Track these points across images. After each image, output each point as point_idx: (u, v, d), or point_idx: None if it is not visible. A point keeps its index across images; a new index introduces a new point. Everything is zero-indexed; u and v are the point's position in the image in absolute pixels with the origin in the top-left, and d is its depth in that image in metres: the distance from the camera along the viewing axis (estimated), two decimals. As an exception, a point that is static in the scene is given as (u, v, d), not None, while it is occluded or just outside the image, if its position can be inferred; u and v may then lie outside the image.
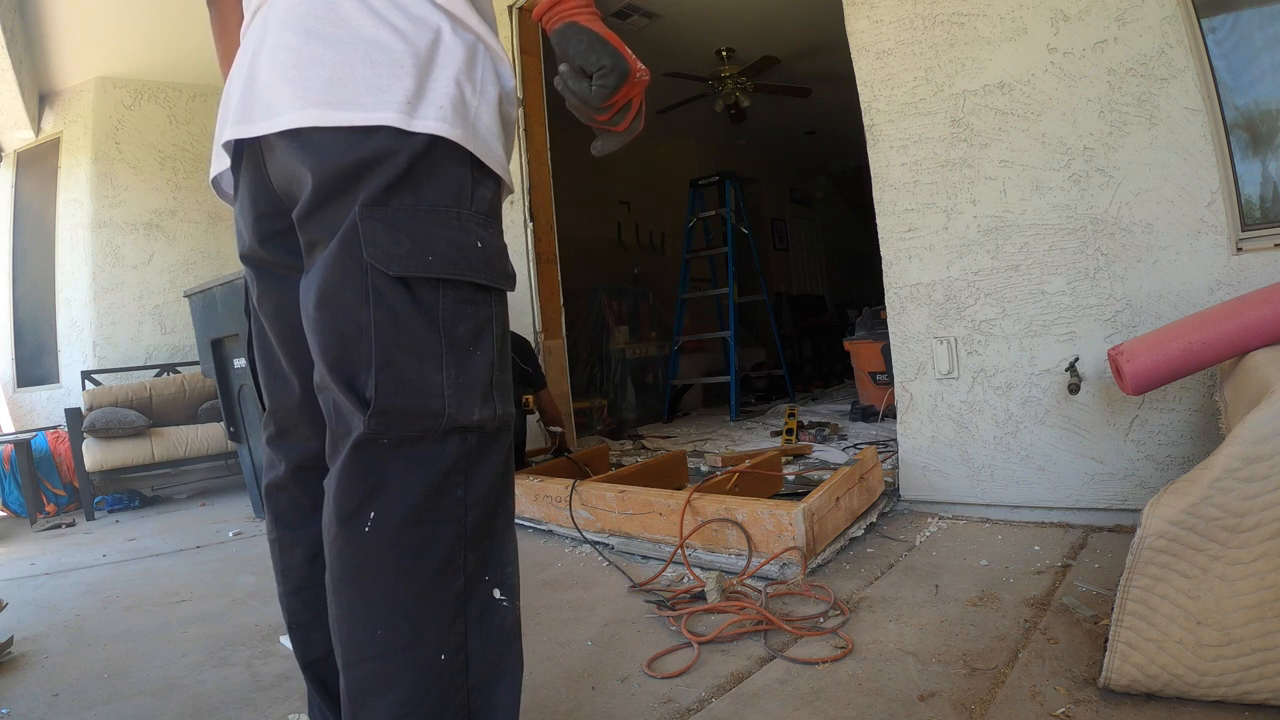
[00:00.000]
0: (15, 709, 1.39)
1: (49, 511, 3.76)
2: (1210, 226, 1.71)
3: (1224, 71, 1.72)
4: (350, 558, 0.70)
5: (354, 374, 0.70)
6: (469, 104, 0.75)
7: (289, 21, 0.74)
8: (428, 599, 0.70)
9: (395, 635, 0.69)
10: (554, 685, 1.30)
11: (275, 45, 0.74)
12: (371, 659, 0.69)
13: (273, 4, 0.77)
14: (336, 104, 0.70)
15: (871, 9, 2.20)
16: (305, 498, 0.90)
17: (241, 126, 0.75)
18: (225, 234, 4.91)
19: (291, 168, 0.74)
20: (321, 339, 0.72)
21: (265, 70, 0.74)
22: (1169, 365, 1.45)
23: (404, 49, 0.72)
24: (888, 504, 2.19)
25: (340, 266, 0.70)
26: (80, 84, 4.49)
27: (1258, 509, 0.95)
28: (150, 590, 2.16)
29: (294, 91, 0.71)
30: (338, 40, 0.72)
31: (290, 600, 0.94)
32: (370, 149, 0.70)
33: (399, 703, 0.69)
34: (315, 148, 0.71)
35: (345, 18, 0.73)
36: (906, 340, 2.22)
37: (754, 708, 1.16)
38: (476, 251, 0.73)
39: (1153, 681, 1.02)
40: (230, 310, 2.99)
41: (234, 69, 0.80)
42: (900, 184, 2.18)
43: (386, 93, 0.71)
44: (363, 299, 0.69)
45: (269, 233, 0.82)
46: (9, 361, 4.57)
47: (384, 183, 0.70)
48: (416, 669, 0.69)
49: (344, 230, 0.70)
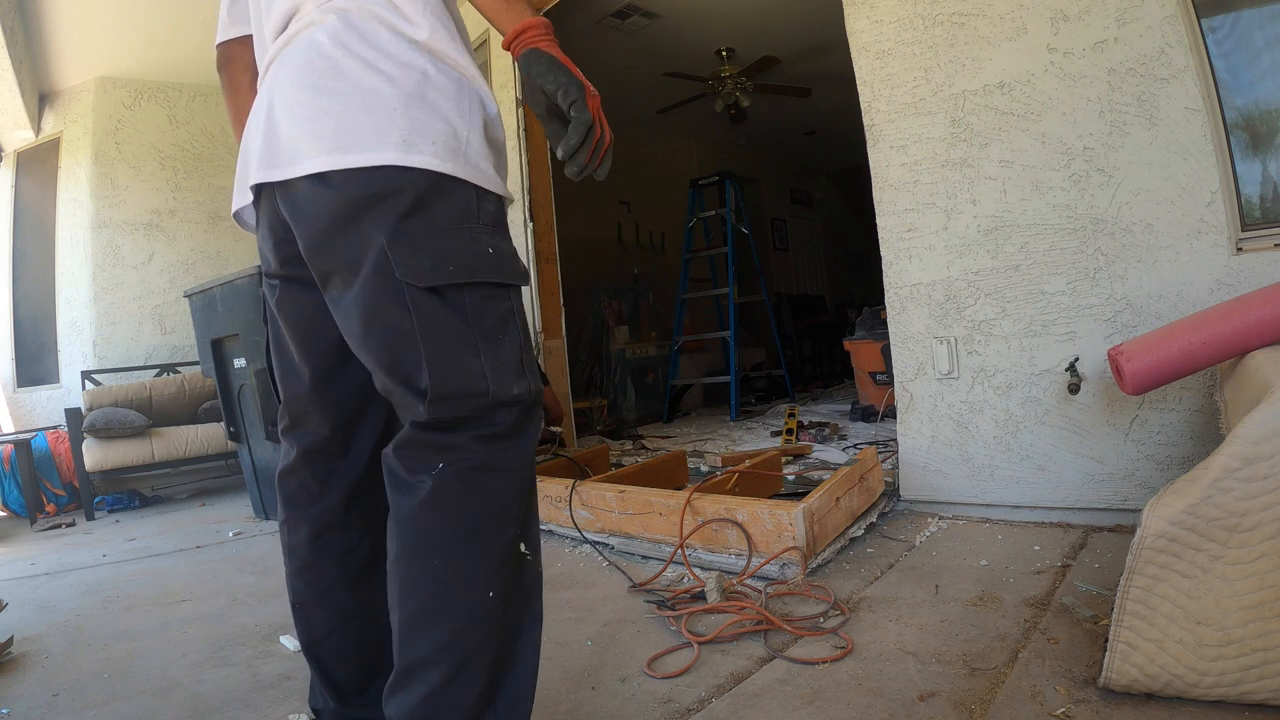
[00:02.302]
0: (15, 709, 1.39)
1: (49, 511, 3.76)
2: (1210, 226, 1.71)
3: (1224, 71, 1.72)
4: (412, 512, 0.82)
5: (409, 372, 0.83)
6: (460, 136, 0.87)
7: (298, 78, 0.87)
8: (481, 542, 0.82)
9: (450, 567, 0.81)
10: (554, 685, 1.30)
11: (291, 101, 0.87)
12: (426, 589, 0.81)
13: (282, 60, 0.91)
14: (344, 148, 0.83)
15: (871, 9, 2.20)
16: (312, 481, 0.99)
17: (268, 171, 0.88)
18: (225, 234, 4.91)
19: (308, 205, 0.86)
20: (374, 350, 0.85)
21: (284, 122, 0.87)
22: (1169, 365, 1.45)
23: (394, 93, 0.84)
24: (888, 504, 2.19)
25: (378, 288, 0.83)
26: (80, 84, 4.49)
27: (1258, 509, 0.95)
28: (150, 590, 2.16)
29: (308, 141, 0.84)
30: (339, 93, 0.85)
31: (294, 579, 1.00)
32: (377, 184, 0.83)
33: (448, 631, 0.80)
34: (330, 186, 0.84)
35: (343, 72, 0.85)
36: (906, 340, 2.22)
37: (754, 708, 1.16)
38: (488, 257, 0.86)
39: (1153, 681, 1.02)
40: (230, 310, 2.99)
41: (253, 117, 0.94)
42: (900, 184, 2.18)
43: (384, 134, 0.83)
44: (404, 310, 0.82)
45: (287, 256, 0.96)
46: (9, 361, 4.57)
47: (398, 213, 0.83)
48: (466, 602, 0.81)
49: (375, 257, 0.82)
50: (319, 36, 0.88)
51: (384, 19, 0.88)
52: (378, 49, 0.86)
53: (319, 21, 0.89)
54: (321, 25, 0.88)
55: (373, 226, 0.83)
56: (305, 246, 0.89)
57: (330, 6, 0.89)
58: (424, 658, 0.80)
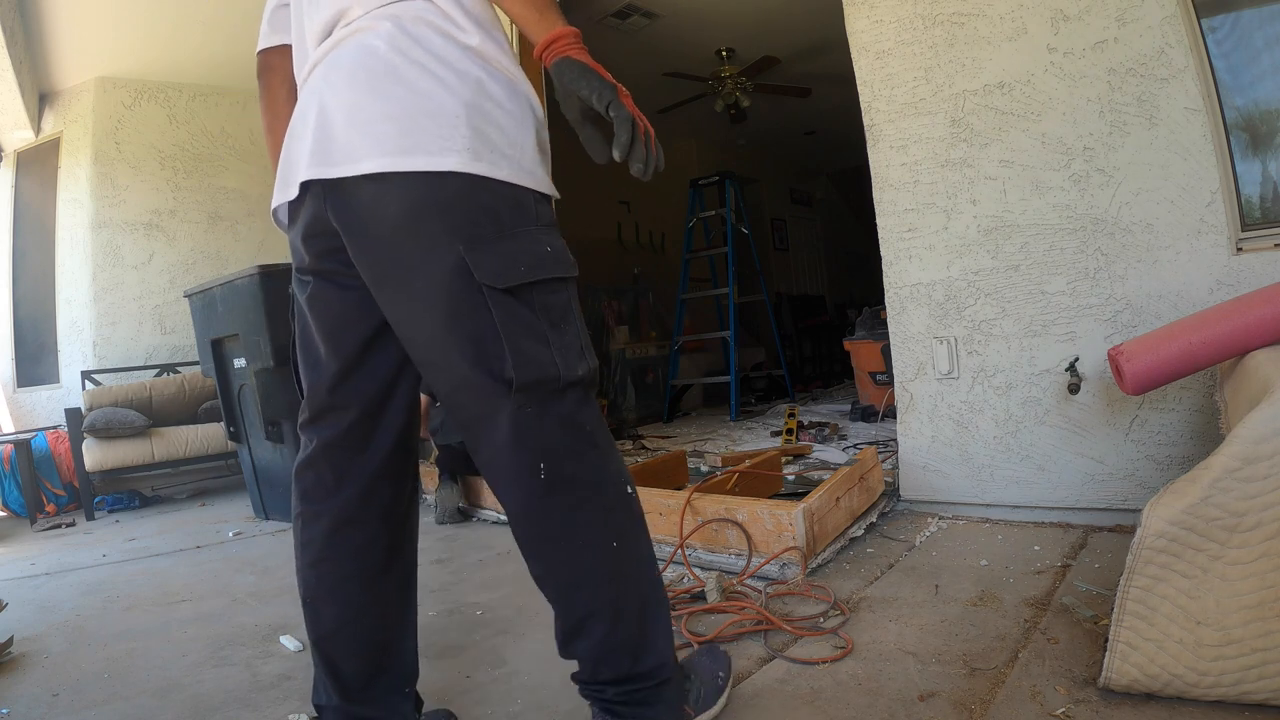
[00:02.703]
0: (15, 709, 1.39)
1: (49, 511, 3.76)
2: (1210, 226, 1.71)
3: (1224, 71, 1.72)
4: (533, 495, 0.93)
5: (493, 365, 0.90)
6: (516, 142, 0.93)
7: (355, 81, 0.91)
8: (599, 504, 0.96)
9: (583, 525, 0.95)
10: (554, 685, 1.30)
11: (347, 103, 0.90)
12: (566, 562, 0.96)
13: (332, 63, 0.94)
14: (407, 151, 0.87)
15: (871, 9, 2.20)
16: (331, 475, 1.01)
17: (321, 169, 0.90)
18: (225, 234, 4.91)
19: (366, 205, 0.90)
20: (459, 347, 0.91)
21: (339, 123, 0.90)
22: (1169, 365, 1.45)
23: (454, 102, 0.89)
24: (888, 504, 2.19)
25: (458, 290, 0.89)
26: (80, 84, 4.49)
27: (1258, 509, 0.95)
28: (150, 590, 2.16)
29: (369, 142, 0.88)
30: (399, 97, 0.89)
31: (307, 573, 1.02)
32: (444, 189, 0.88)
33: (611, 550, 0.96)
34: (391, 187, 0.88)
35: (402, 77, 0.89)
36: (906, 340, 2.22)
37: (754, 708, 1.16)
38: (549, 255, 0.94)
39: (1153, 681, 1.02)
40: (230, 310, 2.99)
41: (298, 118, 0.96)
42: (900, 184, 2.18)
43: (447, 140, 0.88)
44: (485, 309, 0.89)
45: (323, 251, 0.99)
46: (9, 361, 4.57)
47: (469, 218, 0.89)
48: (614, 527, 0.97)
49: (453, 261, 0.88)
50: (373, 41, 0.91)
51: (437, 25, 0.92)
52: (434, 55, 0.90)
53: (372, 27, 0.92)
54: (375, 31, 0.91)
55: (442, 230, 0.89)
56: (358, 245, 0.93)
57: (383, 13, 0.92)
58: (589, 611, 0.95)
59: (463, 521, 2.70)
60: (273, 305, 2.80)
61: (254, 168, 5.08)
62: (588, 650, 0.97)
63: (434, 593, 1.88)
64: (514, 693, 1.29)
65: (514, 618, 1.65)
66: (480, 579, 1.98)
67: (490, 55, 0.93)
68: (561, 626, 0.99)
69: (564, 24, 0.89)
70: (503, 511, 2.77)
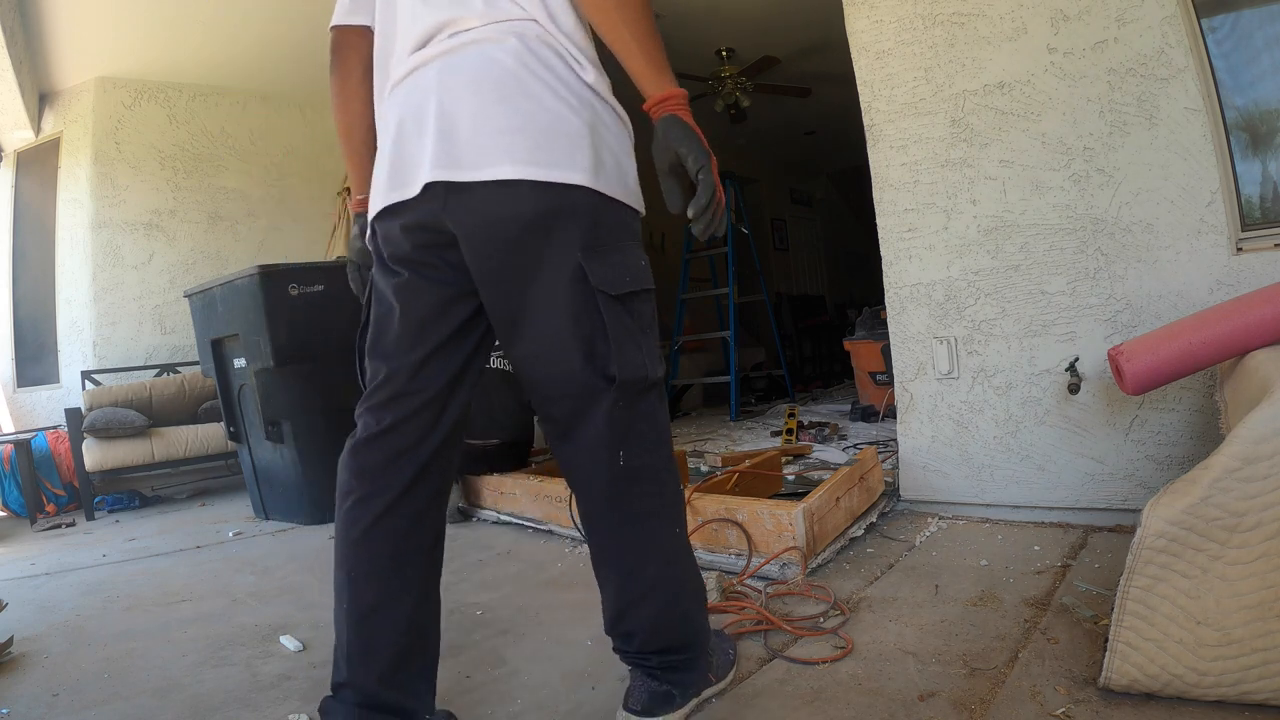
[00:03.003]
0: (15, 709, 1.39)
1: (49, 511, 3.76)
2: (1210, 226, 1.70)
3: (1224, 71, 1.72)
4: (615, 481, 1.04)
5: (600, 363, 1.01)
6: (622, 165, 1.04)
7: (481, 89, 0.97)
8: (664, 493, 1.09)
9: (650, 507, 1.07)
10: (554, 685, 1.30)
11: (474, 110, 0.96)
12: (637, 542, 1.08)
13: (449, 68, 0.99)
14: (539, 163, 0.95)
15: (871, 9, 2.20)
16: (392, 453, 1.06)
17: (448, 171, 0.96)
18: (225, 234, 4.91)
19: (493, 208, 0.97)
20: (573, 344, 1.01)
21: (466, 129, 0.96)
22: (1169, 365, 1.45)
23: (579, 124, 0.98)
24: (888, 504, 2.19)
25: (577, 293, 0.99)
26: (80, 84, 4.49)
27: (1258, 509, 0.95)
28: (150, 590, 2.16)
29: (499, 149, 0.95)
30: (529, 111, 0.96)
31: (353, 549, 1.05)
32: (570, 200, 0.97)
33: (670, 534, 1.10)
34: (519, 194, 0.96)
35: (531, 93, 0.96)
36: (906, 340, 2.22)
37: (754, 708, 1.16)
38: (642, 268, 1.05)
39: (1152, 681, 1.02)
40: (230, 310, 2.99)
41: (410, 117, 1.01)
42: (900, 184, 2.18)
43: (574, 157, 0.97)
44: (597, 312, 1.00)
45: (427, 244, 1.04)
46: (9, 361, 4.57)
47: (589, 229, 0.99)
48: (671, 512, 1.11)
49: (573, 267, 0.98)
50: (498, 54, 0.97)
51: (558, 51, 1.00)
52: (558, 78, 0.99)
53: (495, 40, 0.98)
54: (500, 44, 0.98)
55: (566, 238, 0.98)
56: (478, 245, 0.99)
57: (506, 28, 0.98)
58: (651, 587, 1.07)
59: (463, 521, 2.70)
60: (273, 305, 2.80)
61: (254, 168, 5.08)
62: (643, 623, 1.08)
63: (434, 593, 1.87)
64: (514, 692, 1.29)
65: (514, 618, 1.65)
66: (480, 579, 1.98)
67: (601, 90, 1.03)
68: (617, 603, 1.09)
69: (676, 84, 0.99)
70: (502, 511, 2.76)
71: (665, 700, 1.10)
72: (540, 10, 1.00)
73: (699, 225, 0.96)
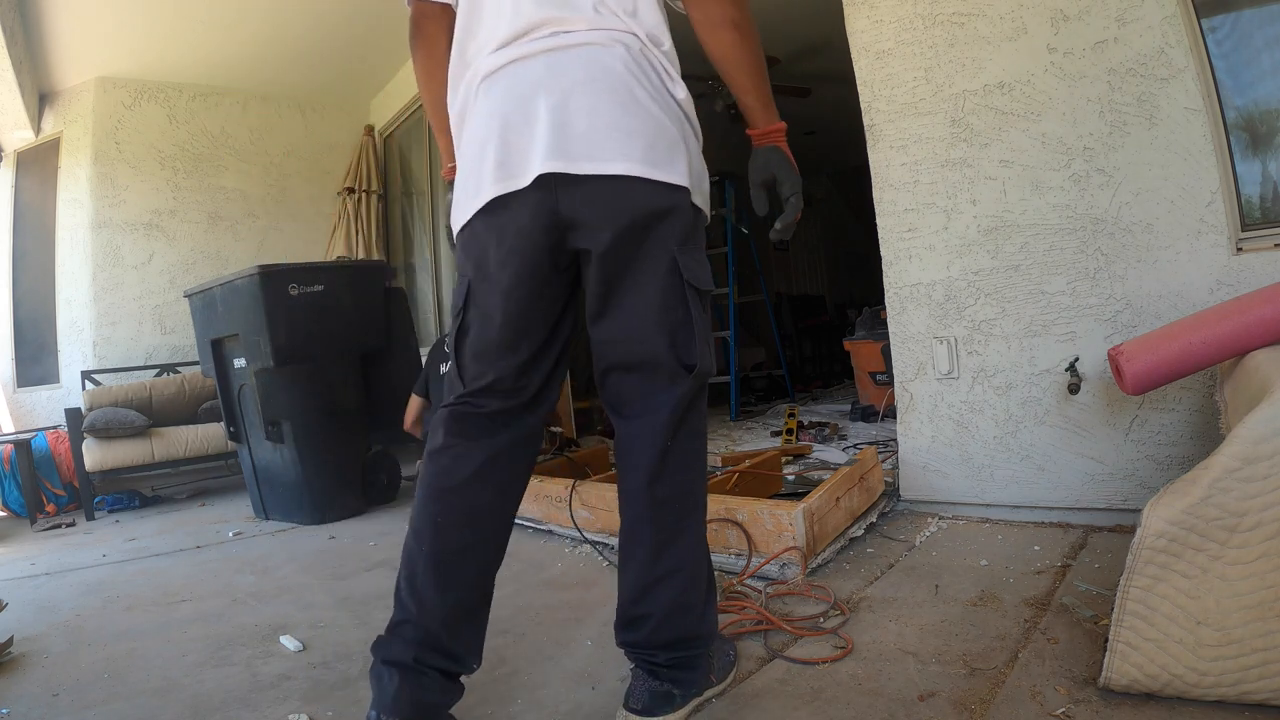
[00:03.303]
0: (15, 709, 1.39)
1: (49, 511, 3.76)
2: (1210, 226, 1.70)
3: (1224, 71, 1.72)
4: (670, 454, 1.11)
5: (682, 352, 1.10)
6: (703, 176, 1.14)
7: (596, 91, 1.04)
8: (699, 482, 1.17)
9: (689, 490, 1.15)
10: (554, 685, 1.30)
11: (588, 108, 1.03)
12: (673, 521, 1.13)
13: (558, 66, 1.05)
14: (652, 164, 1.04)
15: (871, 9, 2.20)
16: (497, 419, 1.15)
17: (562, 163, 1.02)
18: (225, 234, 4.91)
19: (607, 199, 1.04)
20: (662, 330, 1.09)
21: (581, 125, 1.03)
22: (1169, 365, 1.45)
23: (677, 133, 1.08)
24: (888, 504, 2.19)
25: (670, 285, 1.08)
26: (80, 84, 4.49)
27: (1258, 509, 0.95)
28: (150, 590, 2.16)
29: (615, 147, 1.03)
30: (640, 116, 1.05)
31: (445, 497, 1.11)
32: (675, 201, 1.07)
33: (698, 520, 1.17)
34: (638, 190, 1.04)
35: (638, 99, 1.05)
36: (906, 340, 2.22)
37: (754, 708, 1.16)
38: (709, 271, 1.15)
39: (1152, 681, 1.02)
40: (230, 310, 2.99)
41: (514, 108, 1.05)
42: (900, 184, 2.18)
43: (678, 163, 1.07)
44: (685, 304, 1.09)
45: (534, 234, 1.08)
46: (9, 361, 4.57)
47: (684, 228, 1.09)
48: (702, 500, 1.18)
49: (669, 260, 1.08)
50: (607, 59, 1.05)
51: (655, 66, 1.09)
52: (659, 90, 1.08)
53: (603, 44, 1.06)
54: (608, 49, 1.06)
55: (666, 232, 1.07)
56: (589, 233, 1.06)
57: (612, 36, 1.06)
58: (677, 566, 1.11)
59: (463, 521, 2.69)
60: (273, 305, 2.80)
61: (254, 168, 5.08)
62: (662, 604, 1.10)
63: (434, 593, 1.87)
64: (514, 692, 1.29)
65: (514, 618, 1.65)
66: (480, 579, 1.98)
67: (687, 107, 1.13)
68: (641, 579, 1.12)
69: (779, 119, 1.18)
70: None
71: (666, 700, 1.11)
72: (640, 28, 1.09)
73: (777, 236, 1.18)
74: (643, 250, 1.07)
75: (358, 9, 4.10)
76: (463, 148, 1.14)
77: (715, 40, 1.13)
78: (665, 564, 1.11)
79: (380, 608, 1.80)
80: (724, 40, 1.13)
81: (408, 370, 3.28)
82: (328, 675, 1.43)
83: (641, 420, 1.12)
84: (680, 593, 1.11)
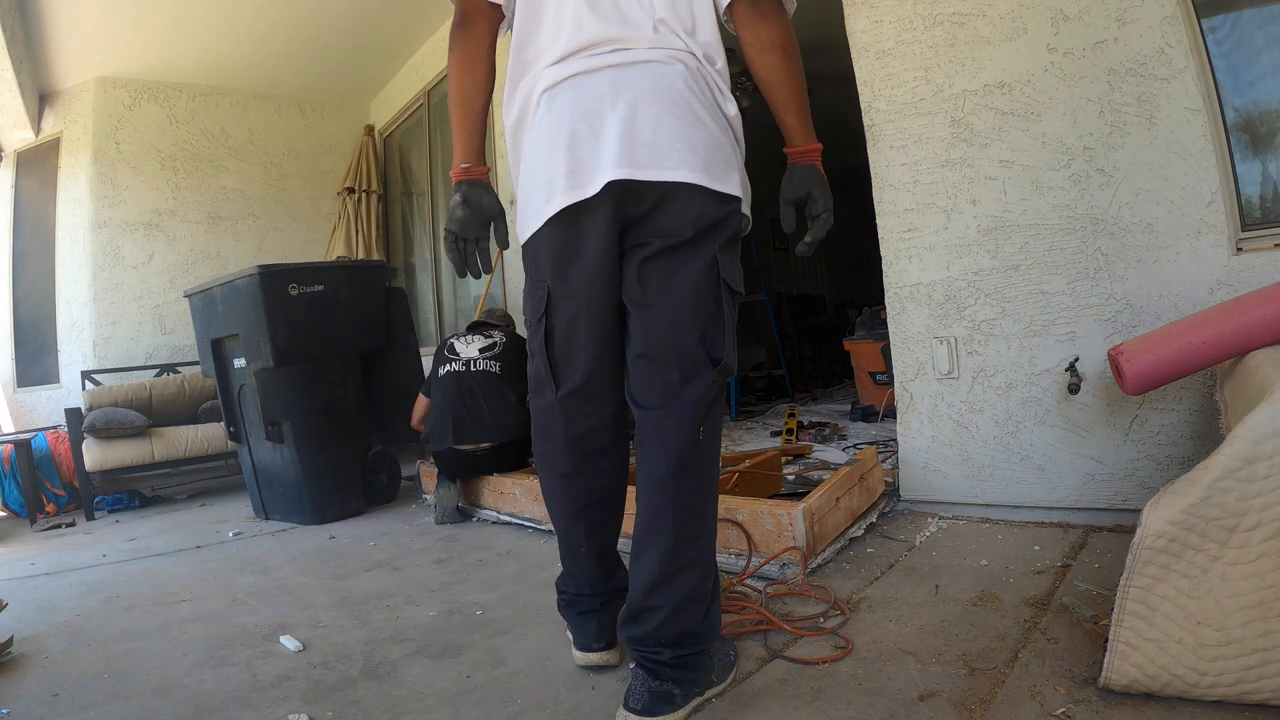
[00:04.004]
0: (15, 709, 1.39)
1: (49, 511, 3.76)
2: (1210, 226, 1.70)
3: (1224, 71, 1.72)
4: (690, 450, 1.15)
5: (710, 345, 1.17)
6: (748, 190, 1.22)
7: (660, 105, 1.12)
8: (715, 477, 1.21)
9: (709, 483, 1.19)
10: (554, 685, 1.30)
11: (653, 120, 1.12)
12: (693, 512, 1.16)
13: (623, 80, 1.13)
14: (712, 176, 1.14)
15: (871, 9, 2.20)
16: (614, 434, 1.27)
17: (631, 170, 1.11)
18: (225, 234, 4.91)
19: (665, 204, 1.13)
20: (695, 322, 1.16)
21: (646, 136, 1.12)
22: (1169, 365, 1.45)
23: (731, 148, 1.19)
24: (888, 504, 2.19)
25: (709, 281, 1.16)
26: (80, 84, 4.49)
27: (1258, 509, 0.95)
28: (150, 590, 2.16)
29: (679, 156, 1.12)
30: (699, 129, 1.14)
31: (594, 511, 1.29)
32: (729, 210, 1.17)
33: (714, 516, 1.22)
34: (695, 199, 1.13)
35: (697, 114, 1.14)
36: (906, 340, 2.22)
37: (754, 708, 1.16)
38: (742, 274, 1.23)
39: (1152, 681, 1.02)
40: (230, 310, 2.99)
41: (582, 123, 1.13)
42: (900, 184, 2.18)
43: (732, 174, 1.17)
44: (717, 301, 1.17)
45: (604, 238, 1.16)
46: (9, 361, 4.57)
47: (731, 233, 1.18)
48: (716, 497, 1.23)
49: (709, 259, 1.16)
50: (669, 76, 1.14)
51: (712, 84, 1.18)
52: (714, 106, 1.17)
53: (664, 62, 1.14)
54: (669, 67, 1.14)
55: (715, 235, 1.16)
56: (649, 232, 1.15)
57: (672, 55, 1.15)
58: (692, 558, 1.15)
59: (462, 521, 2.70)
60: (273, 305, 2.80)
61: (254, 168, 5.09)
62: (674, 595, 1.13)
63: (434, 593, 1.88)
64: (514, 693, 1.29)
65: (514, 618, 1.65)
66: (480, 579, 1.98)
67: (736, 125, 1.22)
68: (659, 569, 1.14)
69: (816, 139, 1.25)
70: (502, 511, 2.76)
71: (666, 700, 1.11)
72: (697, 47, 1.17)
73: (804, 248, 1.26)
74: (692, 249, 1.15)
75: (358, 9, 4.11)
76: (525, 160, 1.21)
77: (763, 61, 1.19)
78: (687, 554, 1.14)
79: (380, 608, 1.80)
80: (772, 62, 1.19)
81: (408, 370, 3.28)
82: (328, 675, 1.43)
83: (667, 410, 1.16)
84: (694, 585, 1.14)
